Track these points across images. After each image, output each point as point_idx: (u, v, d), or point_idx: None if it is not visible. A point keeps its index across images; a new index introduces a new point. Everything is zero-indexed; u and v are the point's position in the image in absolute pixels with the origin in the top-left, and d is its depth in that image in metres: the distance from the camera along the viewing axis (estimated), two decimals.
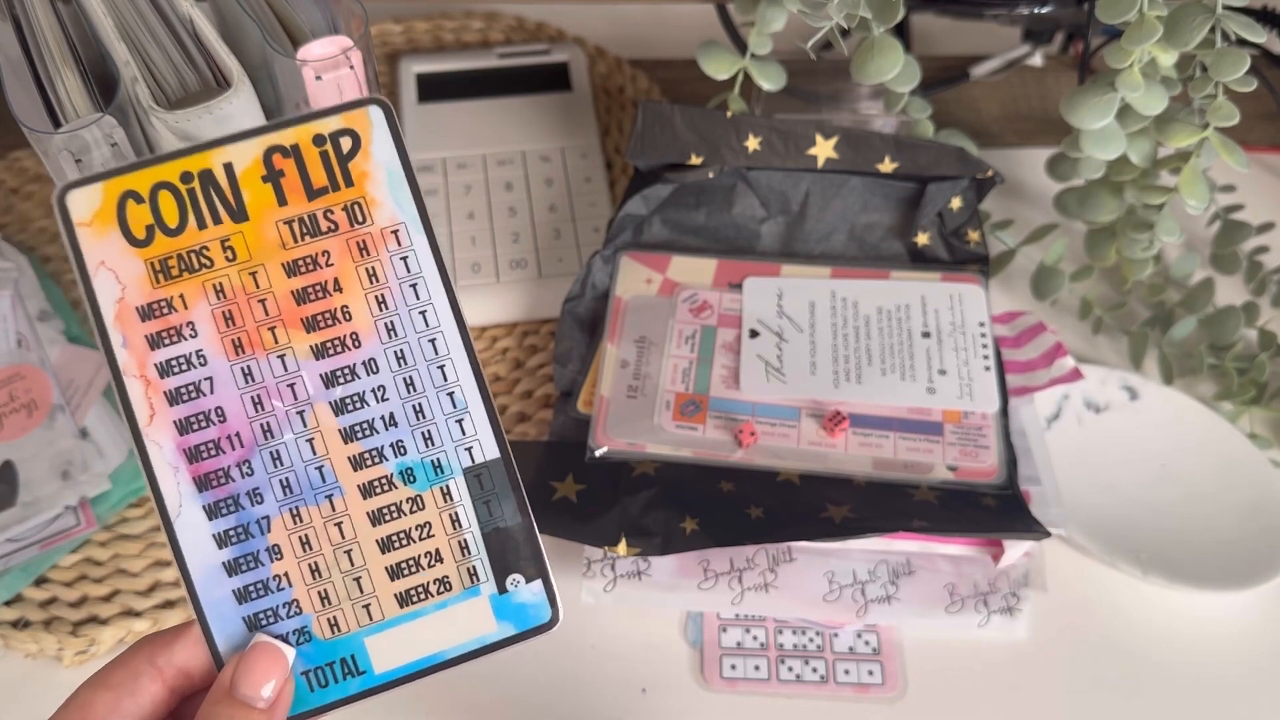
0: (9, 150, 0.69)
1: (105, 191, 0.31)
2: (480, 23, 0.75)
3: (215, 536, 0.31)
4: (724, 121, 0.58)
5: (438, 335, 0.32)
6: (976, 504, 0.49)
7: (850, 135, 0.58)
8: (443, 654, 0.32)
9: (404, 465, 0.32)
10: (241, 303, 0.32)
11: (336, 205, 0.32)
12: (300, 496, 0.32)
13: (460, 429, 0.32)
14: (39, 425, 0.54)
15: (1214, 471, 0.56)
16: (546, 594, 0.33)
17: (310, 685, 0.32)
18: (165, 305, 0.31)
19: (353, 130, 0.32)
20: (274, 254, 0.32)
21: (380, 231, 0.32)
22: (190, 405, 0.31)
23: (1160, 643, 0.51)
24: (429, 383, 0.32)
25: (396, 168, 0.32)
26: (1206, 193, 0.54)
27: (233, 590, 0.31)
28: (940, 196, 0.59)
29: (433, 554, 0.32)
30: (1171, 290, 0.63)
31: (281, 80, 0.45)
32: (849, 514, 0.48)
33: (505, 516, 0.33)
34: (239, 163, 0.31)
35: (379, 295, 0.32)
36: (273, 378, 0.32)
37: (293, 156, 0.32)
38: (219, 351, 0.31)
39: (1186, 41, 0.49)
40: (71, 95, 0.43)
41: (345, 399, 0.32)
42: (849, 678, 0.50)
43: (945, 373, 0.54)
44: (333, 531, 0.32)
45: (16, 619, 0.51)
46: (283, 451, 0.32)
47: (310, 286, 0.32)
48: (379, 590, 0.32)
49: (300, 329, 0.32)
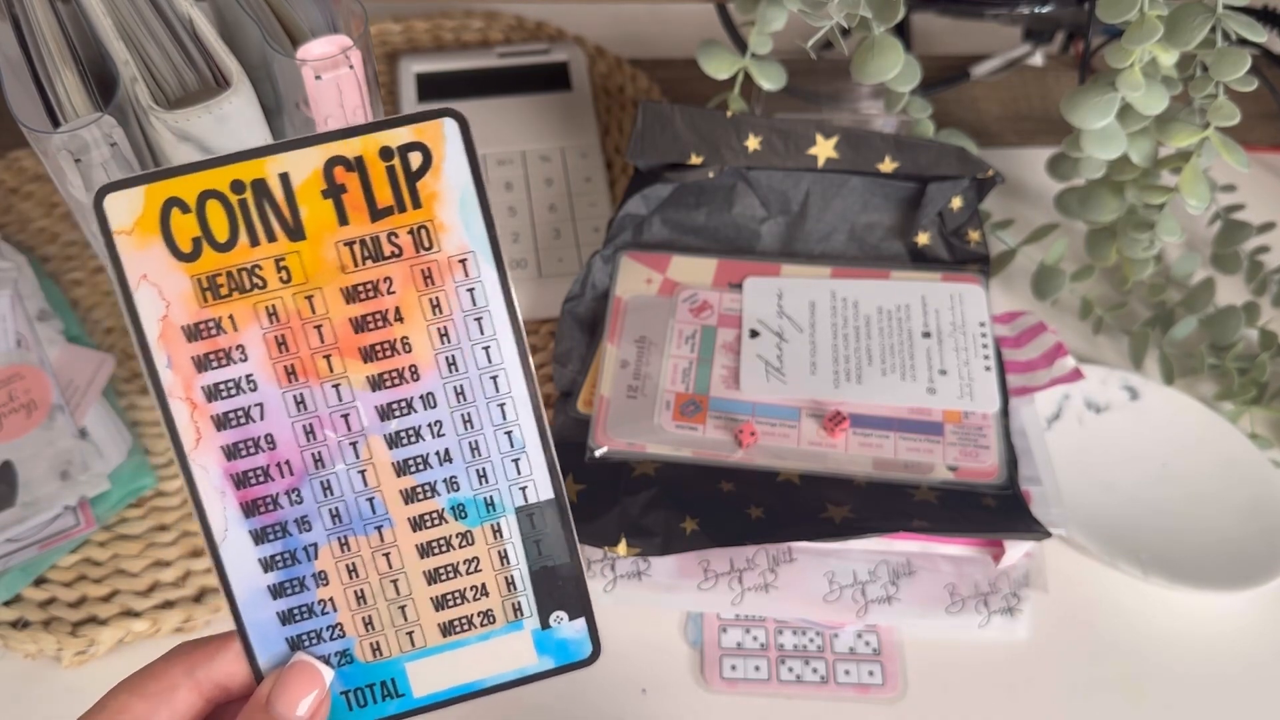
0: (8, 150, 0.69)
1: (147, 196, 0.29)
2: (480, 22, 0.75)
3: (261, 561, 0.31)
4: (724, 121, 0.58)
5: (500, 372, 0.31)
6: (977, 504, 0.49)
7: (850, 135, 0.58)
8: (482, 682, 0.32)
9: (456, 501, 0.32)
10: (296, 328, 0.30)
11: (402, 228, 0.30)
12: (349, 526, 0.31)
13: (516, 468, 0.32)
14: (38, 425, 0.54)
15: (1214, 471, 0.56)
16: (589, 631, 0.33)
17: (350, 705, 0.32)
18: (214, 326, 0.29)
19: (424, 145, 0.29)
20: (332, 277, 0.30)
21: (448, 260, 0.30)
22: (239, 431, 0.30)
23: (1161, 643, 0.51)
24: (487, 420, 0.31)
25: (470, 190, 0.30)
26: (1207, 192, 0.54)
27: (277, 612, 0.31)
28: (941, 196, 0.58)
29: (479, 588, 0.32)
30: (1172, 290, 0.63)
31: (281, 80, 0.45)
32: (849, 514, 0.48)
33: (554, 556, 0.32)
34: (296, 174, 0.29)
35: (441, 328, 0.31)
36: (326, 407, 0.30)
37: (356, 170, 0.29)
38: (270, 378, 0.30)
39: (1187, 41, 0.49)
40: (71, 95, 0.43)
41: (400, 432, 0.31)
42: (849, 678, 0.50)
43: (945, 373, 0.54)
44: (380, 561, 0.31)
45: (16, 619, 0.51)
46: (333, 481, 0.31)
47: (370, 315, 0.30)
48: (423, 619, 0.32)
49: (357, 358, 0.30)
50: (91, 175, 0.42)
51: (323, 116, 0.45)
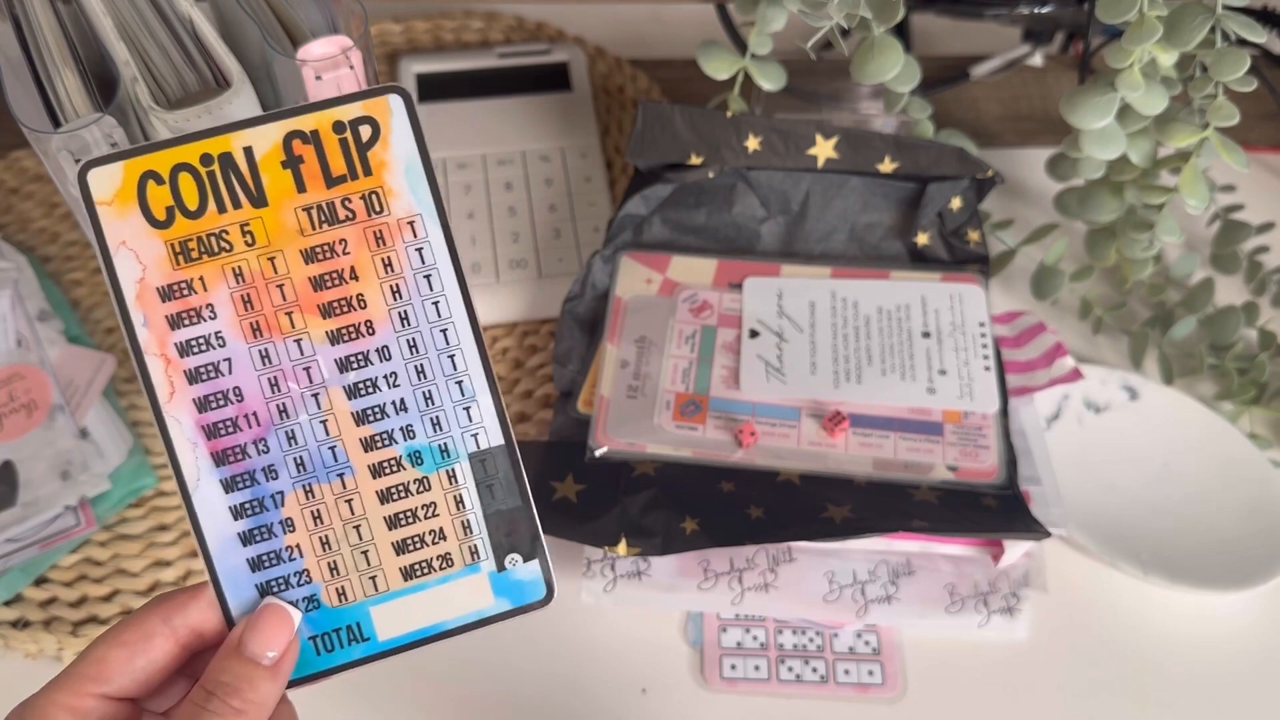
0: (9, 150, 0.69)
1: (126, 171, 0.31)
2: (480, 22, 0.75)
3: (231, 509, 0.33)
4: (724, 121, 0.58)
5: (449, 326, 0.33)
6: (977, 504, 0.49)
7: (850, 135, 0.58)
8: (443, 624, 0.34)
9: (412, 448, 0.33)
10: (260, 287, 0.32)
11: (355, 194, 0.33)
12: (313, 474, 0.33)
13: (467, 416, 0.34)
14: (39, 425, 0.54)
15: (1214, 471, 0.56)
16: (543, 572, 0.34)
17: (317, 649, 0.33)
18: (186, 287, 0.32)
19: (372, 118, 0.32)
20: (292, 240, 0.32)
21: (397, 222, 0.33)
22: (209, 384, 0.32)
23: (1160, 642, 0.51)
24: (439, 371, 0.33)
25: (415, 158, 0.33)
26: (1206, 192, 0.54)
27: (247, 559, 0.33)
28: (940, 196, 0.59)
29: (437, 532, 0.34)
30: (1172, 290, 0.63)
31: (281, 80, 0.45)
32: (849, 514, 0.48)
33: (507, 500, 0.34)
34: (259, 147, 0.32)
35: (394, 285, 0.33)
36: (289, 361, 0.33)
37: (312, 143, 0.32)
38: (238, 334, 0.32)
39: (1187, 41, 0.49)
40: (71, 95, 0.43)
41: (358, 384, 0.33)
42: (849, 678, 0.50)
43: (945, 373, 0.54)
44: (343, 508, 0.33)
45: (16, 619, 0.51)
46: (297, 431, 0.33)
47: (327, 274, 0.33)
48: (385, 564, 0.33)
49: (317, 315, 0.33)
50: None
51: None
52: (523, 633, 0.51)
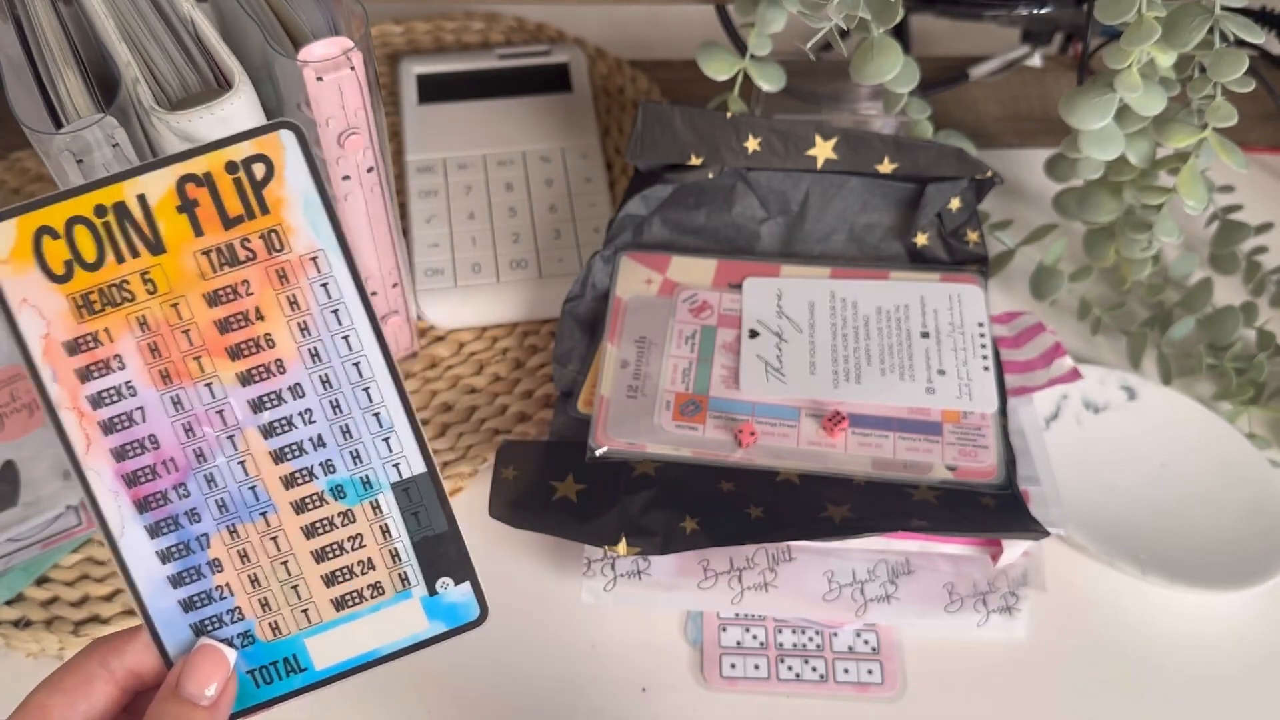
0: (10, 151, 0.69)
1: (19, 228, 0.31)
2: (480, 24, 0.76)
3: (159, 553, 0.33)
4: (724, 122, 0.58)
5: (361, 359, 0.33)
6: (976, 504, 0.50)
7: (849, 136, 0.59)
8: (378, 650, 0.35)
9: (334, 482, 0.34)
10: (165, 334, 0.32)
11: (253, 233, 0.32)
12: (236, 515, 0.33)
13: (387, 446, 0.34)
14: (40, 425, 0.54)
15: (1213, 471, 0.56)
16: (475, 594, 0.35)
17: (256, 682, 0.34)
18: (91, 339, 0.32)
19: (265, 156, 0.32)
20: (194, 285, 0.32)
21: (299, 259, 0.32)
22: (124, 434, 0.32)
23: (1159, 642, 0.52)
24: (354, 404, 0.33)
25: (312, 193, 0.32)
26: (1205, 193, 0.54)
27: (178, 600, 0.33)
28: (939, 197, 0.59)
29: (365, 562, 0.34)
30: (1170, 290, 0.63)
31: (283, 81, 0.45)
32: (848, 514, 0.48)
33: (433, 525, 0.34)
34: (152, 194, 0.31)
35: (300, 322, 0.33)
36: (201, 405, 0.33)
37: (206, 185, 0.32)
38: (147, 382, 0.32)
39: (1185, 42, 0.49)
40: (73, 96, 0.43)
41: (273, 423, 0.33)
42: (848, 677, 0.50)
43: (944, 373, 0.54)
44: (269, 545, 0.34)
45: (18, 618, 0.51)
46: (216, 474, 0.33)
47: (232, 316, 0.32)
48: (315, 596, 0.34)
49: (225, 357, 0.33)
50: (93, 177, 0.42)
51: (324, 117, 0.45)
52: (523, 632, 0.51)
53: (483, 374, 0.60)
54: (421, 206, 0.65)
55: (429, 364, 0.60)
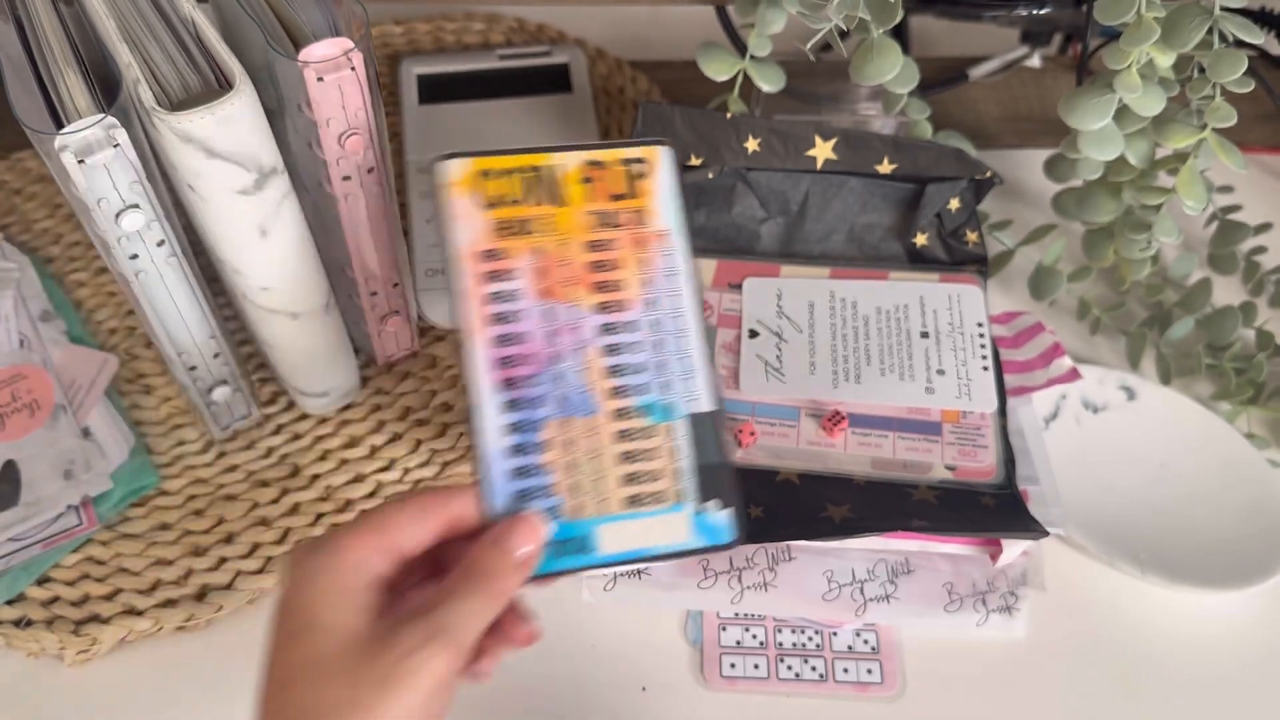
0: (11, 151, 0.69)
1: (472, 165, 0.42)
2: (481, 24, 0.76)
3: (505, 426, 0.40)
4: (724, 123, 0.58)
5: (681, 314, 0.42)
6: (975, 504, 0.50)
7: (849, 136, 0.59)
8: (648, 550, 0.40)
9: (645, 402, 0.41)
10: (551, 263, 0.42)
11: (626, 209, 0.43)
12: (569, 409, 0.41)
13: (688, 385, 0.42)
14: (41, 425, 0.54)
15: (1212, 471, 0.56)
16: (734, 520, 0.41)
17: (553, 554, 0.39)
18: (499, 253, 0.42)
19: (645, 159, 0.44)
20: (579, 233, 0.42)
21: (653, 233, 0.43)
22: (504, 326, 0.41)
23: (1158, 641, 0.52)
24: (671, 347, 0.42)
25: (672, 191, 0.43)
26: (1204, 193, 0.54)
27: (511, 468, 0.40)
28: (939, 197, 0.59)
29: (655, 473, 0.41)
30: (1169, 290, 0.63)
31: (283, 82, 0.45)
32: (848, 514, 0.48)
33: (711, 456, 0.41)
34: (567, 166, 0.43)
35: (646, 277, 0.42)
36: (564, 320, 0.41)
37: (603, 169, 0.43)
38: (530, 293, 0.41)
39: (1184, 43, 0.50)
40: (74, 96, 0.43)
41: (612, 345, 0.41)
42: (848, 676, 0.50)
43: (944, 372, 0.54)
44: (588, 440, 0.40)
45: (19, 618, 0.51)
46: (562, 374, 0.41)
47: (600, 261, 0.42)
48: (613, 491, 0.40)
49: (589, 289, 0.42)
50: (94, 177, 0.42)
51: (324, 118, 0.45)
52: None
53: None
54: (422, 206, 0.65)
55: (429, 364, 0.61)
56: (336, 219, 0.51)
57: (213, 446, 0.57)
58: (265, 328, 0.52)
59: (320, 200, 0.50)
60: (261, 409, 0.58)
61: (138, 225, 0.45)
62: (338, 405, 0.59)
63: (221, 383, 0.54)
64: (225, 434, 0.57)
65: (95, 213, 0.43)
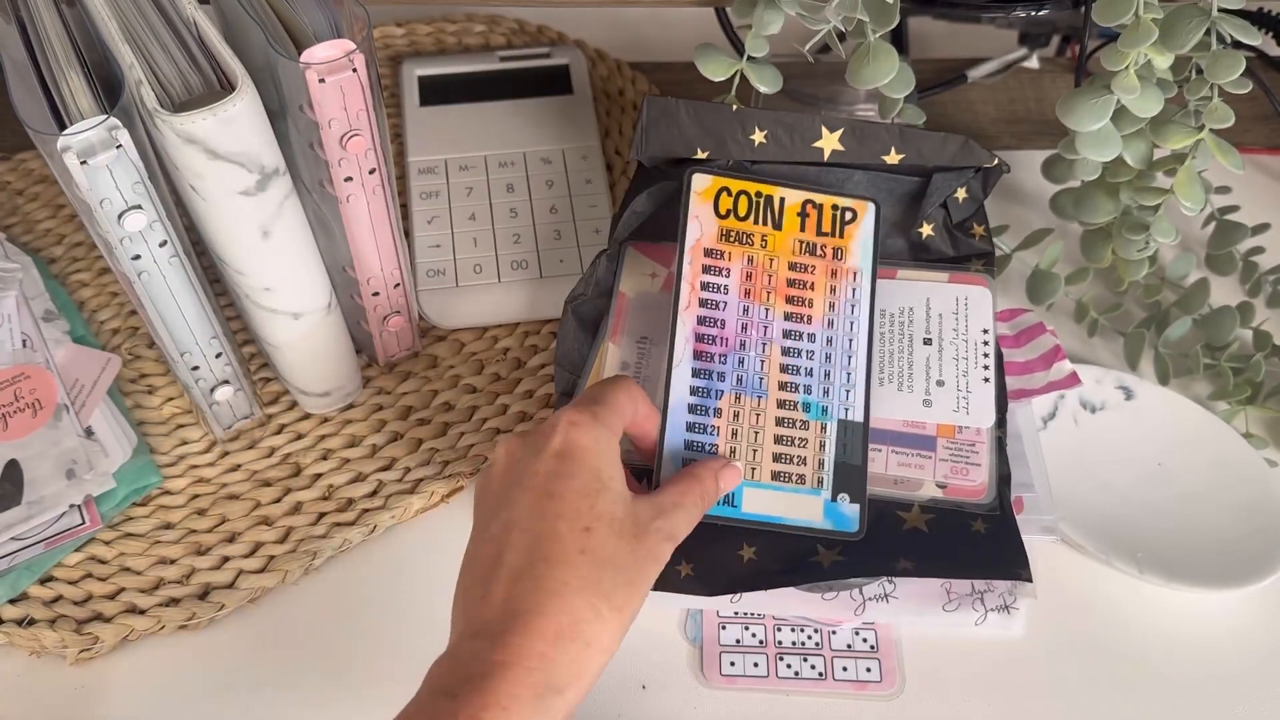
0: (14, 152, 0.69)
1: (713, 181, 0.53)
2: (482, 26, 0.76)
3: (691, 388, 0.50)
4: (729, 115, 0.58)
5: (855, 338, 0.51)
6: (965, 532, 0.49)
7: (855, 127, 0.58)
8: (782, 519, 0.48)
9: (806, 400, 0.50)
10: (758, 271, 0.52)
11: (828, 245, 0.53)
12: (744, 388, 0.50)
13: (847, 396, 0.50)
14: (44, 425, 0.54)
15: (1210, 471, 0.56)
16: (861, 514, 0.48)
17: None
18: (720, 254, 0.52)
19: (854, 209, 0.54)
20: (785, 254, 0.52)
21: (847, 269, 0.53)
22: (708, 310, 0.51)
23: (1156, 641, 0.52)
24: (839, 363, 0.51)
25: (870, 238, 0.53)
26: (1202, 194, 0.54)
27: (686, 422, 0.49)
28: (945, 186, 0.58)
29: (801, 459, 0.49)
30: (1167, 291, 0.63)
31: (285, 83, 0.45)
32: (838, 557, 0.48)
33: (852, 458, 0.49)
34: (789, 200, 0.53)
35: (831, 302, 0.52)
36: (757, 318, 0.51)
37: (817, 209, 0.53)
38: (735, 291, 0.51)
39: (1182, 44, 0.50)
40: (76, 97, 0.43)
41: (790, 348, 0.51)
42: (847, 674, 0.50)
43: (943, 384, 0.54)
44: (752, 417, 0.50)
45: (21, 617, 0.51)
46: (745, 360, 0.50)
47: (797, 280, 0.52)
48: (763, 463, 0.49)
49: (782, 300, 0.52)
50: (97, 178, 0.42)
51: (326, 119, 0.45)
52: None
53: (483, 374, 0.60)
54: (423, 207, 0.65)
55: (430, 364, 0.61)
56: (338, 219, 0.51)
57: (215, 446, 0.57)
58: (267, 328, 0.53)
59: (322, 201, 0.50)
60: (264, 409, 0.58)
61: (140, 226, 0.45)
62: (339, 405, 0.59)
63: (224, 383, 0.54)
64: (228, 434, 0.57)
65: (98, 213, 0.44)
